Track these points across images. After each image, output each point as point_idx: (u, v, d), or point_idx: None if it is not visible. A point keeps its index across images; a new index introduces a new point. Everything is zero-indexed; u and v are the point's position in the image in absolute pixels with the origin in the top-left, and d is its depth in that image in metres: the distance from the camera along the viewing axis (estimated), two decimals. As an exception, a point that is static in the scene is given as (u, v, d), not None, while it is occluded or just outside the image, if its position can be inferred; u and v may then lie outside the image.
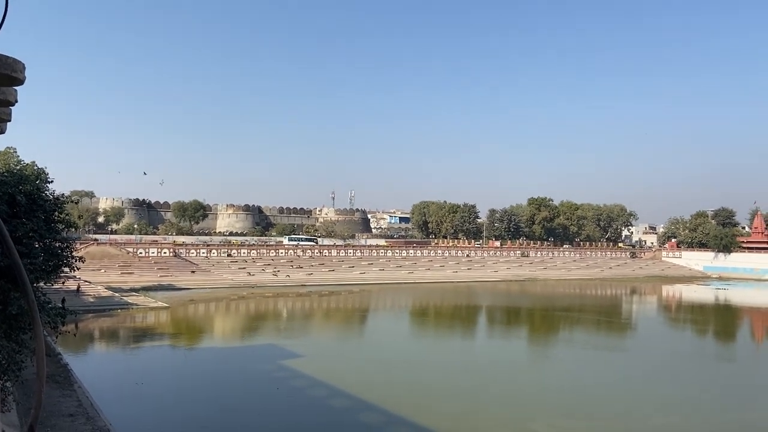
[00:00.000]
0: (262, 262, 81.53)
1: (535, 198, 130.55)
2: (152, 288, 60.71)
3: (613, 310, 62.77)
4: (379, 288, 74.42)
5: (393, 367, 30.90)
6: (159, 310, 48.51)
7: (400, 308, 61.68)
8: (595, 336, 44.65)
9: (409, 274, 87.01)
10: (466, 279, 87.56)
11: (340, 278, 78.80)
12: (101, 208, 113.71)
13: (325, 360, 32.10)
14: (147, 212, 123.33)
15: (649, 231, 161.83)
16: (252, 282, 71.58)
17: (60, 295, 36.87)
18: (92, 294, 51.12)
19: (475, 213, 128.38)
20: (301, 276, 77.68)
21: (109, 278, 63.06)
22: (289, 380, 26.88)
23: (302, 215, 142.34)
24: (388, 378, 28.39)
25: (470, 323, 51.77)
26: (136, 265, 70.57)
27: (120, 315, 45.84)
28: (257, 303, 59.49)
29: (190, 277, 69.57)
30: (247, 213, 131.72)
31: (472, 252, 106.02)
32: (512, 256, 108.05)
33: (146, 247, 76.93)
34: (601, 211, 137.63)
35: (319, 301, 62.64)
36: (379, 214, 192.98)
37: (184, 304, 54.33)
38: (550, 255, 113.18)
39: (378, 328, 47.82)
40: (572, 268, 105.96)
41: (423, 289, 75.37)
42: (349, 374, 28.65)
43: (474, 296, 71.95)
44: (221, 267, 77.02)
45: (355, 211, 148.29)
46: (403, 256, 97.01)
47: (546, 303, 65.18)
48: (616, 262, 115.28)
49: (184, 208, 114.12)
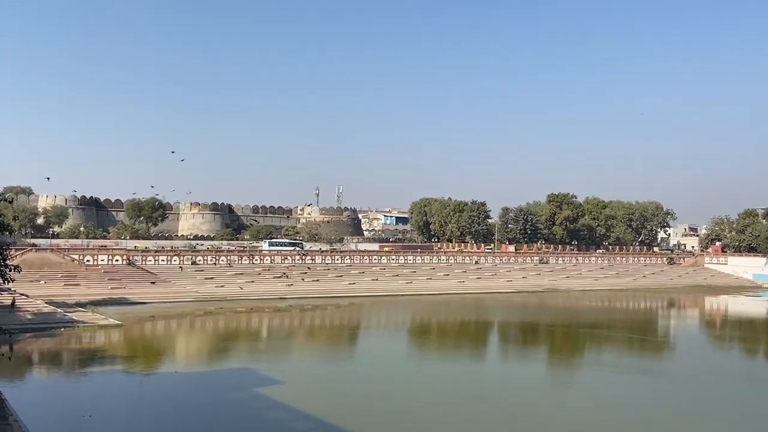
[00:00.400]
0: (233, 271, 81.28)
1: (555, 194, 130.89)
2: (102, 302, 60.34)
3: (647, 326, 62.91)
4: (372, 301, 74.30)
5: (388, 396, 30.80)
6: (110, 329, 48.18)
7: (397, 325, 61.59)
8: (627, 357, 44.67)
9: (408, 284, 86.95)
10: (474, 290, 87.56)
11: (326, 290, 78.65)
12: (41, 207, 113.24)
13: (308, 388, 31.97)
14: (95, 212, 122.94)
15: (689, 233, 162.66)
16: (221, 294, 71.36)
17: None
18: (30, 310, 50.69)
19: (485, 212, 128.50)
20: (279, 287, 77.47)
21: (51, 291, 62.60)
22: (266, 411, 26.74)
23: (281, 215, 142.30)
24: (383, 409, 28.28)
25: (480, 343, 51.75)
26: (83, 275, 70.14)
27: (63, 335, 45.49)
28: (227, 319, 59.25)
29: (147, 290, 69.21)
30: (215, 213, 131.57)
31: (482, 258, 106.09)
32: (529, 262, 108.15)
33: (95, 253, 76.52)
34: (632, 209, 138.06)
35: (301, 317, 62.40)
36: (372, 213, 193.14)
37: (140, 321, 54.04)
38: (573, 261, 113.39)
39: (370, 349, 47.66)
40: (599, 276, 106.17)
41: (424, 303, 75.33)
42: (336, 405, 28.55)
43: (484, 310, 71.94)
44: (185, 277, 76.69)
45: (343, 210, 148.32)
46: (401, 263, 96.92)
47: (569, 318, 65.30)
48: (650, 269, 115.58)
49: (140, 207, 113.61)
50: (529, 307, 75.22)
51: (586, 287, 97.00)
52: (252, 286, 76.96)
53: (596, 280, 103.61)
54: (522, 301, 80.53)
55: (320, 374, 36.90)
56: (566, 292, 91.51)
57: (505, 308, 74.32)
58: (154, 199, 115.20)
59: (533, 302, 79.27)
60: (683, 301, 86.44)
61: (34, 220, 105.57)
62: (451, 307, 73.02)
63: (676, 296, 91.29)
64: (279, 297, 72.43)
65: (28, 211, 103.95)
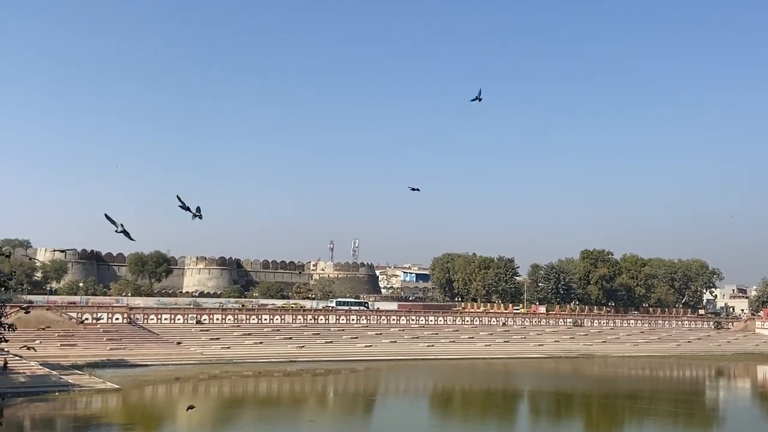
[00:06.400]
0: (241, 331, 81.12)
1: (590, 251, 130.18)
2: (100, 364, 60.25)
3: (694, 397, 61.68)
4: (390, 365, 73.55)
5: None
6: (107, 394, 48.03)
7: (417, 393, 60.84)
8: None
9: (429, 347, 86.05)
10: (502, 354, 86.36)
11: (340, 352, 77.99)
12: (39, 261, 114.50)
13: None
14: (96, 267, 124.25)
15: (737, 294, 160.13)
16: (227, 357, 71.04)
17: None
18: (23, 372, 50.75)
19: (513, 269, 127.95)
20: (289, 349, 77.05)
21: (46, 351, 62.54)
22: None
23: (292, 271, 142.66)
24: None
25: (508, 413, 50.81)
26: (81, 335, 70.33)
27: (58, 399, 45.43)
28: (233, 384, 58.92)
29: (148, 351, 69.13)
30: (222, 268, 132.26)
31: (510, 319, 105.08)
32: (562, 324, 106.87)
33: (93, 311, 76.85)
34: (675, 267, 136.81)
35: (313, 383, 61.84)
36: (391, 269, 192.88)
37: (139, 385, 53.86)
38: (610, 324, 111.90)
39: (388, 420, 47.06)
40: (639, 341, 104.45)
41: (447, 368, 74.45)
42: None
43: (513, 378, 70.92)
44: (188, 337, 76.61)
45: (359, 265, 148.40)
46: (422, 323, 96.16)
47: (606, 388, 64.14)
48: (696, 334, 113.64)
49: (143, 261, 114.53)
50: (562, 375, 74.07)
51: (624, 353, 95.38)
52: (260, 347, 76.59)
53: (636, 345, 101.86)
54: (554, 367, 79.31)
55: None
56: (603, 357, 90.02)
57: (536, 375, 73.17)
58: (158, 253, 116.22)
59: (566, 369, 78.02)
60: (733, 370, 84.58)
61: (31, 275, 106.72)
62: (476, 373, 72.05)
63: (724, 364, 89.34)
64: (289, 360, 71.96)
65: (26, 266, 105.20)
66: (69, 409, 43.46)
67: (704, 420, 50.30)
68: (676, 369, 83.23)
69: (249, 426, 42.03)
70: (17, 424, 38.32)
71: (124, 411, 43.95)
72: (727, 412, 55.49)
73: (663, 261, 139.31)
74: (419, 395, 59.75)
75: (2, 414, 37.70)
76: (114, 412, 43.45)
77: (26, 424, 39.39)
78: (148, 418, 43.32)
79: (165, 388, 55.05)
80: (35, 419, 40.78)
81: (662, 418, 49.05)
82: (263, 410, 48.36)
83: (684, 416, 50.21)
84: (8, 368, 49.48)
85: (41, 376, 50.57)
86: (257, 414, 46.65)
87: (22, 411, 41.96)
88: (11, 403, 41.59)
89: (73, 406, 44.33)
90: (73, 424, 39.84)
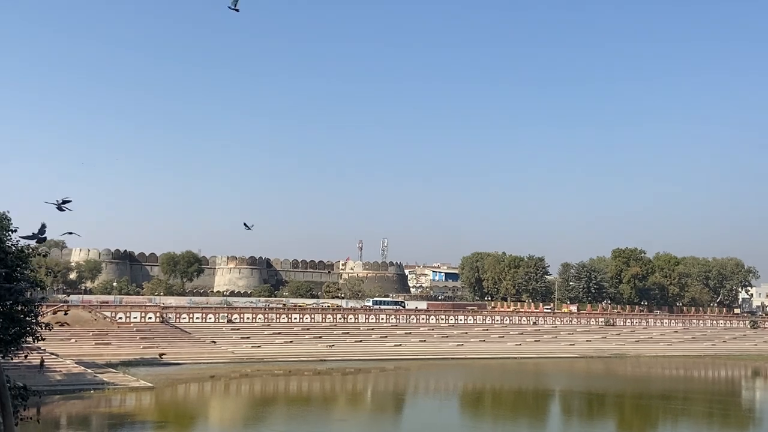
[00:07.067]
0: (271, 330, 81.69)
1: (622, 249, 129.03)
2: (133, 363, 61.19)
3: (729, 398, 60.80)
4: (420, 364, 73.53)
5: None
6: (141, 392, 48.78)
7: (447, 392, 60.73)
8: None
9: (459, 347, 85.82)
10: (532, 354, 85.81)
11: (369, 351, 78.16)
12: (73, 261, 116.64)
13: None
14: (129, 267, 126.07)
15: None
16: (258, 355, 71.61)
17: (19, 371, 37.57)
18: (59, 370, 51.79)
19: (543, 268, 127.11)
20: (319, 348, 77.42)
21: (81, 350, 63.88)
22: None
23: (321, 270, 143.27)
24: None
25: (539, 413, 50.59)
26: (115, 334, 71.43)
27: (93, 397, 46.24)
28: (264, 383, 59.39)
29: (180, 350, 69.97)
30: (252, 267, 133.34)
31: (541, 318, 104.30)
32: (593, 324, 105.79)
33: (127, 310, 77.94)
34: (709, 266, 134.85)
35: (343, 381, 62.06)
36: (420, 269, 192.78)
37: (172, 383, 54.55)
38: (643, 323, 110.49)
39: (418, 418, 47.08)
40: (673, 340, 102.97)
41: (477, 367, 74.20)
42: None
43: (544, 377, 70.47)
44: (220, 336, 77.36)
45: (388, 265, 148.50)
46: (451, 323, 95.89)
47: (639, 388, 63.49)
48: (731, 333, 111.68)
49: (175, 261, 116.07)
50: (594, 375, 73.41)
51: (657, 352, 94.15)
52: (291, 346, 77.08)
53: (669, 344, 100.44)
54: (586, 367, 78.61)
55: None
56: (635, 357, 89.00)
57: (567, 375, 72.61)
58: (190, 253, 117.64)
59: (598, 369, 77.32)
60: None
61: (66, 275, 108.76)
62: (506, 372, 71.72)
63: (761, 364, 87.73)
64: (319, 359, 72.32)
65: (61, 266, 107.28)
66: (104, 407, 44.21)
67: (740, 421, 49.56)
68: (710, 369, 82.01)
69: (280, 424, 42.32)
70: (54, 422, 39.07)
71: (158, 409, 44.54)
72: (763, 413, 54.74)
73: (697, 259, 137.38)
74: (449, 394, 59.65)
75: (39, 411, 38.52)
76: (148, 410, 44.07)
77: (63, 422, 40.12)
78: (181, 416, 43.86)
79: (197, 386, 55.68)
80: (71, 417, 41.52)
81: (697, 418, 48.44)
82: (294, 408, 48.64)
83: (719, 417, 49.51)
84: (45, 366, 50.69)
85: (77, 375, 51.54)
86: (288, 412, 46.96)
87: (59, 408, 42.75)
88: (48, 400, 42.39)
89: (107, 404, 45.08)
90: (108, 421, 40.49)
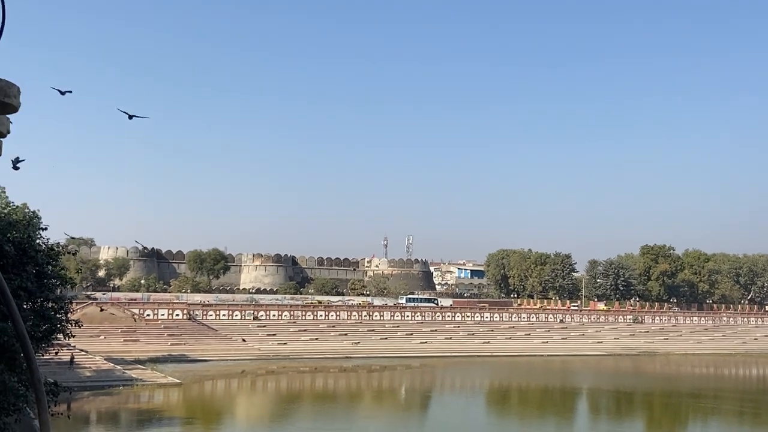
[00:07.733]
0: (297, 327, 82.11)
1: (650, 246, 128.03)
2: (161, 359, 61.93)
3: (761, 397, 59.97)
4: (446, 362, 73.43)
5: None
6: (169, 388, 49.30)
7: (474, 390, 60.61)
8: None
9: (485, 344, 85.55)
10: (560, 351, 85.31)
11: (395, 349, 78.23)
12: (102, 259, 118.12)
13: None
14: (157, 264, 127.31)
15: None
16: (284, 352, 72.06)
17: (50, 368, 38.12)
18: (89, 366, 52.55)
19: (570, 265, 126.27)
20: (345, 345, 77.63)
21: (110, 347, 64.78)
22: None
23: (347, 267, 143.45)
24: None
25: (567, 412, 50.20)
26: (143, 331, 72.33)
27: (122, 393, 46.84)
28: (290, 380, 59.74)
29: (207, 346, 70.69)
30: (278, 265, 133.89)
31: (568, 316, 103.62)
32: (621, 321, 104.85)
33: (155, 307, 78.88)
34: (740, 263, 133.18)
35: (368, 379, 62.17)
36: (445, 266, 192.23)
37: (199, 380, 55.10)
38: (672, 321, 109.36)
39: (444, 417, 46.93)
40: (703, 338, 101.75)
41: (503, 365, 73.88)
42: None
43: (571, 375, 70.00)
44: (246, 333, 77.98)
45: (413, 262, 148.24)
46: (477, 320, 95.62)
47: (669, 386, 62.96)
48: (763, 331, 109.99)
49: (202, 258, 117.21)
50: (623, 373, 72.77)
51: (687, 350, 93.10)
52: (316, 343, 77.44)
53: (699, 342, 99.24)
54: (614, 365, 78.02)
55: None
56: (665, 355, 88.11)
57: (595, 373, 72.07)
58: (216, 251, 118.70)
59: (627, 367, 76.64)
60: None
61: (95, 272, 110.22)
62: (533, 370, 71.35)
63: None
64: (345, 356, 72.51)
65: (90, 264, 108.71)
66: (132, 403, 44.75)
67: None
68: (741, 367, 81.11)
69: (306, 421, 42.48)
70: (84, 417, 39.59)
71: (185, 405, 44.97)
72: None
73: (727, 256, 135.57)
74: (475, 392, 59.52)
75: (70, 407, 39.08)
76: (176, 406, 44.51)
77: (93, 418, 40.66)
78: (209, 412, 44.25)
79: (224, 383, 56.14)
80: (101, 412, 42.08)
81: (727, 417, 47.80)
82: (320, 405, 48.87)
83: (750, 416, 48.82)
84: (75, 363, 51.44)
85: (106, 371, 52.28)
86: (314, 409, 47.16)
87: (89, 404, 43.37)
88: (78, 396, 42.95)
89: (136, 400, 45.62)
90: (136, 417, 40.97)
